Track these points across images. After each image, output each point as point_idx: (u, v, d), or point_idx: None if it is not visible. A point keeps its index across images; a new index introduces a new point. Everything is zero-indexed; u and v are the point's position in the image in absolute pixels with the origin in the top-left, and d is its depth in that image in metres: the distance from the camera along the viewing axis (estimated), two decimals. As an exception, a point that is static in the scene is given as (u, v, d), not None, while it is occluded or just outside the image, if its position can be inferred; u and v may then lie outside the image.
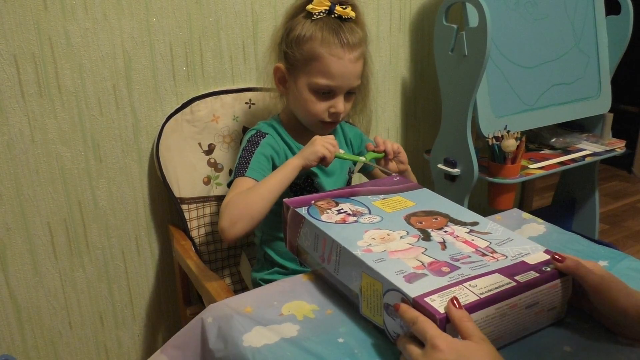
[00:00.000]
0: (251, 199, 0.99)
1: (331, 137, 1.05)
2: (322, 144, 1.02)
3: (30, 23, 1.11)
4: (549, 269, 0.69)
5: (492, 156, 1.52)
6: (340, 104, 1.07)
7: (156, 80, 1.27)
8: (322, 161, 1.03)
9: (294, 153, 1.13)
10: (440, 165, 1.58)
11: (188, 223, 1.29)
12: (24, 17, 1.10)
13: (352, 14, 1.06)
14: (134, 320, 1.43)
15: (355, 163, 1.19)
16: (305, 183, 1.13)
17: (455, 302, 0.61)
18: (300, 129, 1.15)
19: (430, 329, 0.60)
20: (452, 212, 0.86)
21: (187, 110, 1.28)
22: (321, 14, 1.05)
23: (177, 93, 1.30)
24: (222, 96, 1.31)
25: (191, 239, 1.29)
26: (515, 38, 1.56)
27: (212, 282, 1.08)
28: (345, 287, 0.76)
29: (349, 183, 1.23)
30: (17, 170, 1.18)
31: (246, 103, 1.33)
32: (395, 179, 1.00)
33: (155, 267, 1.42)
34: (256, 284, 1.17)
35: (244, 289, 1.34)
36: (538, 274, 0.68)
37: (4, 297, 1.25)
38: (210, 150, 1.30)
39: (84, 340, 1.38)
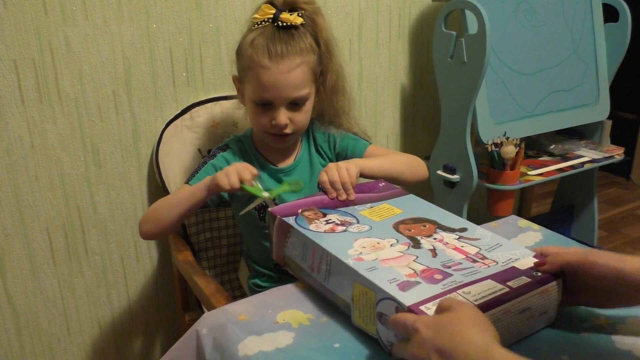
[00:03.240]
0: (162, 204, 1.04)
1: (249, 167, 0.96)
2: (226, 172, 0.94)
3: (31, 29, 1.12)
4: (539, 273, 0.70)
5: (492, 163, 1.52)
6: (280, 117, 1.01)
7: (156, 86, 1.27)
8: (221, 189, 0.95)
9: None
10: (439, 172, 1.58)
11: (187, 229, 1.29)
12: (24, 22, 1.11)
13: (298, 20, 1.00)
14: (133, 326, 1.43)
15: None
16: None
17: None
18: (267, 143, 1.11)
19: (408, 317, 0.62)
20: (439, 219, 0.86)
21: (186, 116, 1.28)
22: (263, 22, 1.01)
23: (176, 99, 1.31)
24: (222, 102, 1.32)
25: (190, 245, 1.29)
26: (514, 45, 1.57)
27: (210, 288, 1.08)
28: (336, 296, 0.76)
29: None
30: (17, 175, 1.18)
31: (246, 109, 1.33)
32: (380, 185, 0.99)
33: (154, 273, 1.42)
34: (252, 289, 1.18)
35: (243, 295, 1.34)
36: (529, 279, 0.69)
37: (2, 303, 1.25)
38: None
39: (82, 347, 1.37)
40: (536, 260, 0.73)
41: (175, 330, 1.49)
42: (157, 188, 1.32)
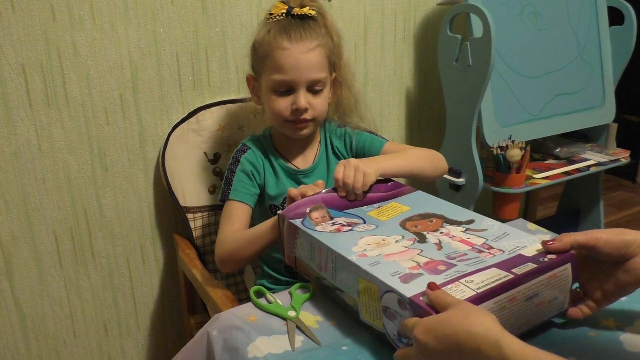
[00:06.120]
0: (241, 246, 1.01)
1: (310, 187, 0.94)
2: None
3: (39, 33, 1.12)
4: (546, 259, 0.69)
5: (497, 166, 1.52)
6: (300, 99, 1.02)
7: (162, 89, 1.28)
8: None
9: (273, 168, 1.12)
10: (444, 175, 1.57)
11: (193, 232, 1.29)
12: (32, 27, 1.12)
13: (311, 12, 1.05)
14: (138, 329, 1.43)
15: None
16: (284, 203, 1.09)
17: (431, 287, 0.63)
18: (286, 142, 1.13)
19: (408, 323, 0.61)
20: (447, 213, 0.85)
21: (193, 119, 1.28)
22: (277, 16, 1.05)
23: (183, 102, 1.31)
24: (228, 106, 1.32)
25: (196, 247, 1.30)
26: (519, 48, 1.57)
27: (216, 291, 1.08)
28: (345, 294, 0.76)
29: None
30: (24, 179, 1.19)
31: (251, 112, 1.34)
32: (389, 184, 0.98)
33: (160, 275, 1.42)
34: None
35: (248, 298, 1.34)
36: (535, 265, 0.67)
37: (9, 305, 1.25)
38: (215, 159, 1.31)
39: (88, 349, 1.38)
40: (544, 243, 0.72)
41: (181, 333, 1.49)
42: (163, 191, 1.33)
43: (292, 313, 0.79)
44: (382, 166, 0.98)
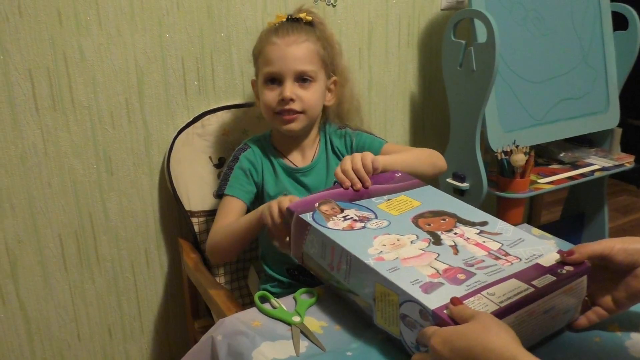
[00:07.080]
0: (222, 237, 1.06)
1: (287, 197, 0.91)
2: (268, 206, 0.92)
3: (46, 38, 1.13)
4: (564, 271, 0.68)
5: (501, 171, 1.52)
6: (286, 89, 1.05)
7: (168, 94, 1.29)
8: (267, 223, 0.93)
9: (273, 167, 1.14)
10: (449, 180, 1.58)
11: (198, 236, 1.29)
12: (39, 32, 1.12)
13: (307, 18, 1.10)
14: (143, 333, 1.44)
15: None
16: None
17: (454, 302, 0.62)
18: (285, 140, 1.16)
19: (427, 331, 0.62)
20: (459, 212, 0.84)
21: (198, 124, 1.29)
22: (277, 24, 1.10)
23: (188, 107, 1.32)
24: (233, 110, 1.33)
25: (200, 252, 1.30)
26: (523, 53, 1.57)
27: (221, 295, 1.08)
28: (357, 296, 0.75)
29: None
30: (30, 182, 1.20)
31: (256, 117, 1.35)
32: (397, 175, 0.97)
33: (164, 280, 1.42)
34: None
35: (253, 302, 1.34)
36: (555, 277, 0.67)
37: (14, 308, 1.26)
38: (220, 163, 1.31)
39: (93, 353, 1.38)
40: (562, 253, 0.71)
41: (185, 337, 1.49)
42: (168, 195, 1.33)
43: (296, 318, 0.79)
44: (381, 159, 0.98)
